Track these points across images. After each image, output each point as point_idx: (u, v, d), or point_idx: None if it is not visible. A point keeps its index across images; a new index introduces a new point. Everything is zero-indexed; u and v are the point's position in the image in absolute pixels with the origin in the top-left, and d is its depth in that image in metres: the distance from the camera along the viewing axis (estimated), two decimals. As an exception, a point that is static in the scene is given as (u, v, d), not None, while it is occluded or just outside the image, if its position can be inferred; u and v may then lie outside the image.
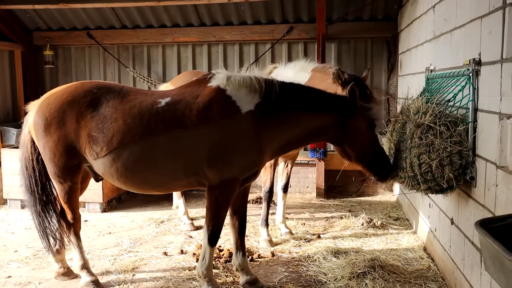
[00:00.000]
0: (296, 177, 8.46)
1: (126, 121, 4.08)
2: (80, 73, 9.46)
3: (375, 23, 8.34)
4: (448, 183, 3.74)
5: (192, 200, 8.05)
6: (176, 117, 4.05)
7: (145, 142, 4.06)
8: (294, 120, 4.13)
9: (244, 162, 4.10)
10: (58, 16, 8.96)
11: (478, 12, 3.58)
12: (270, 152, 4.24)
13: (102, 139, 4.10)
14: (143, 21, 8.86)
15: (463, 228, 3.94)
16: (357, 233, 6.11)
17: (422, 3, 5.80)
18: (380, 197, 8.18)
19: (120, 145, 4.06)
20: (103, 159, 4.14)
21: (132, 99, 4.21)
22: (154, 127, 4.05)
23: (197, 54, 9.05)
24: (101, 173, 4.32)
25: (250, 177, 4.25)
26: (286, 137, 4.18)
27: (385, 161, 4.27)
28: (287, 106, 4.11)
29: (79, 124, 4.18)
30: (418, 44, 6.04)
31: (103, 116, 4.15)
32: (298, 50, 8.70)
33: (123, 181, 4.22)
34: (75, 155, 4.26)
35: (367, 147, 4.22)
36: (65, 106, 4.24)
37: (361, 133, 4.18)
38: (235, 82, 4.13)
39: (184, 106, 4.08)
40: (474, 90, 3.60)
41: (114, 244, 5.87)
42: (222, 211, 4.20)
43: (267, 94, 4.09)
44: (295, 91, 4.21)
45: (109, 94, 4.25)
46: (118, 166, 4.11)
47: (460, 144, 3.66)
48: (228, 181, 4.08)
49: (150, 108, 4.11)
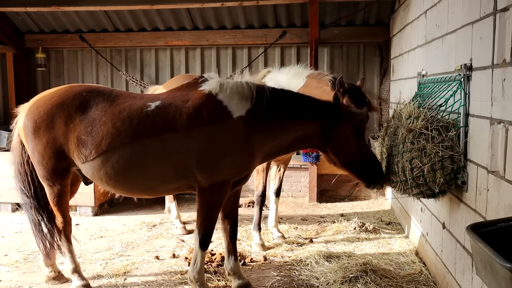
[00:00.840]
0: (289, 181, 8.46)
1: (115, 124, 4.07)
2: (72, 76, 9.42)
3: (368, 28, 8.39)
4: (439, 188, 3.75)
5: (185, 204, 8.02)
6: (166, 121, 4.04)
7: (134, 146, 4.04)
8: (284, 127, 4.14)
9: (234, 166, 4.09)
10: (50, 19, 8.93)
11: (469, 18, 3.60)
12: (260, 157, 4.25)
13: (91, 142, 4.08)
14: (136, 24, 8.86)
15: (454, 232, 3.95)
16: (349, 237, 6.11)
17: (414, 8, 5.84)
18: (372, 202, 8.20)
19: (109, 148, 4.05)
20: (92, 163, 4.12)
21: (122, 103, 4.19)
22: (144, 131, 4.04)
23: (190, 57, 9.05)
24: (89, 177, 4.29)
25: (240, 180, 4.25)
26: (275, 143, 4.20)
27: (374, 168, 4.25)
28: (277, 113, 4.12)
29: (68, 127, 4.16)
30: (410, 49, 6.08)
31: (92, 119, 4.13)
32: (291, 55, 8.73)
33: (112, 184, 4.20)
34: (64, 158, 4.24)
35: (353, 153, 4.22)
36: (54, 109, 4.22)
37: (346, 140, 4.18)
38: (227, 88, 4.14)
39: (174, 110, 4.07)
40: (466, 95, 3.62)
41: (105, 248, 5.83)
42: (213, 214, 4.19)
43: (258, 100, 4.10)
44: (285, 98, 4.23)
45: (98, 97, 4.24)
46: (107, 169, 4.09)
47: (452, 149, 3.68)
48: (218, 184, 4.07)
49: (140, 111, 4.10)
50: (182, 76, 7.14)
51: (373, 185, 4.30)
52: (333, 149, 4.23)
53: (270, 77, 5.78)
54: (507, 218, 2.45)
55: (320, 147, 4.33)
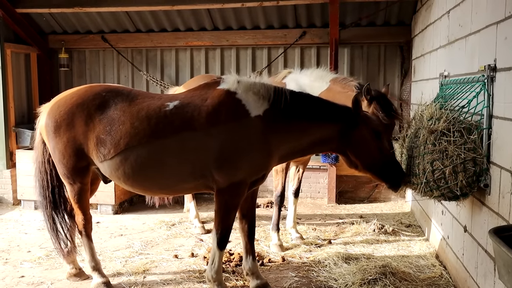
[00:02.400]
0: (308, 182, 8.43)
1: (134, 124, 4.12)
2: (94, 76, 9.54)
3: (389, 28, 8.30)
4: (461, 190, 3.70)
5: (203, 204, 8.06)
6: (185, 120, 4.07)
7: (152, 145, 4.09)
8: (301, 129, 4.16)
9: (252, 165, 4.11)
10: (73, 20, 9.06)
11: (493, 18, 3.54)
12: (277, 157, 4.25)
13: (109, 141, 4.14)
14: (157, 25, 8.93)
15: (476, 236, 3.89)
16: (368, 239, 6.06)
17: (437, 8, 5.77)
18: (392, 204, 8.12)
19: (127, 148, 4.10)
20: (110, 161, 4.17)
21: (140, 102, 4.25)
22: (162, 130, 4.08)
23: (210, 58, 9.08)
24: (108, 175, 4.35)
25: (257, 180, 4.27)
26: (292, 144, 4.21)
27: (396, 169, 4.23)
28: (294, 115, 4.13)
29: (88, 126, 4.23)
30: (432, 50, 6.00)
31: (111, 118, 4.19)
32: (310, 55, 8.70)
33: (130, 183, 4.25)
34: (84, 156, 4.30)
35: (374, 156, 4.20)
36: (74, 109, 4.30)
37: (366, 142, 4.17)
38: (245, 86, 4.16)
39: (193, 108, 4.10)
40: (489, 96, 3.56)
41: (125, 246, 5.89)
42: (230, 214, 4.20)
43: (276, 101, 4.12)
44: (303, 100, 4.23)
45: (117, 97, 4.30)
46: (125, 168, 4.14)
47: (474, 151, 3.62)
48: (236, 184, 4.09)
49: (158, 111, 4.14)
50: (202, 76, 7.18)
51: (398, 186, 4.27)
52: (353, 152, 4.22)
53: (291, 78, 5.77)
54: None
55: (340, 151, 4.32)
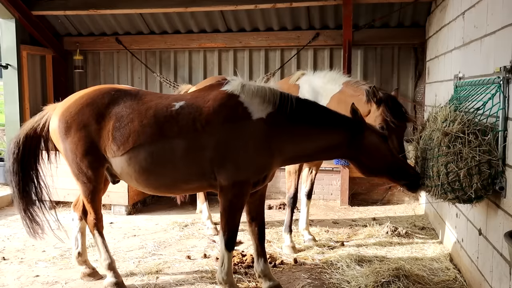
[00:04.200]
0: (320, 184, 8.41)
1: (142, 122, 4.19)
2: (108, 77, 9.63)
3: (403, 30, 8.26)
4: (476, 193, 3.66)
5: (216, 205, 8.06)
6: (188, 120, 4.14)
7: (158, 144, 4.15)
8: (305, 134, 4.19)
9: (252, 166, 4.14)
10: (88, 22, 9.16)
11: (509, 19, 3.51)
12: (280, 160, 4.29)
13: (119, 138, 4.22)
14: (170, 27, 8.98)
15: (491, 239, 3.85)
16: (381, 241, 6.03)
17: (451, 9, 5.72)
18: (405, 206, 8.07)
19: (135, 146, 4.17)
20: (121, 158, 4.25)
21: (148, 101, 4.33)
22: (168, 129, 4.15)
23: (223, 59, 9.11)
24: (119, 173, 4.40)
25: (259, 181, 4.29)
26: (296, 149, 4.24)
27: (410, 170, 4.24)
28: (298, 120, 4.17)
29: (100, 124, 4.30)
30: (446, 51, 5.96)
31: (120, 115, 4.27)
32: (324, 57, 8.68)
33: (140, 181, 4.32)
34: (96, 155, 4.35)
35: (387, 158, 4.22)
36: (84, 108, 4.37)
37: (376, 146, 4.19)
38: (250, 90, 4.21)
39: (195, 109, 4.17)
40: (505, 98, 3.53)
41: (138, 247, 5.93)
42: (236, 214, 4.23)
43: (281, 106, 4.15)
44: (309, 108, 4.27)
45: (126, 96, 4.40)
46: (135, 166, 4.21)
47: (490, 153, 3.59)
48: (239, 183, 4.12)
49: (165, 110, 4.22)
50: (214, 78, 7.20)
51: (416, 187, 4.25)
52: (366, 157, 4.24)
53: (305, 80, 5.77)
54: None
55: (351, 157, 4.32)
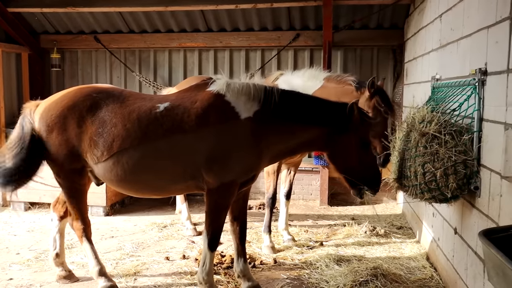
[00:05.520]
0: (300, 184, 8.45)
1: (126, 126, 4.11)
2: (86, 76, 9.52)
3: (382, 32, 8.36)
4: (452, 193, 3.72)
5: (196, 205, 8.05)
6: (175, 122, 4.08)
7: (144, 147, 4.08)
8: (291, 130, 4.18)
9: (241, 167, 4.12)
10: (65, 20, 9.03)
11: (485, 22, 3.58)
12: (267, 158, 4.28)
13: (102, 143, 4.12)
14: (150, 26, 8.92)
15: (466, 238, 3.92)
16: (360, 241, 6.09)
17: (429, 12, 5.81)
18: (383, 206, 8.16)
19: (119, 150, 4.09)
20: (104, 164, 4.16)
21: (131, 104, 4.24)
22: (153, 132, 4.08)
23: (203, 59, 9.09)
24: (101, 177, 4.33)
25: (247, 181, 4.28)
26: (282, 145, 4.23)
27: (369, 180, 4.27)
28: (285, 116, 4.15)
29: (81, 128, 4.20)
30: (424, 53, 6.05)
31: (103, 120, 4.17)
32: (304, 57, 8.73)
33: (123, 185, 4.25)
34: (78, 158, 4.26)
35: (352, 165, 4.24)
36: (66, 111, 4.26)
37: (348, 149, 4.20)
38: (235, 88, 4.17)
39: (183, 111, 4.11)
40: (480, 99, 3.59)
41: (116, 248, 5.87)
42: (221, 215, 4.21)
43: (266, 102, 4.14)
44: (294, 100, 4.25)
45: (108, 98, 4.28)
46: (118, 170, 4.13)
47: (465, 153, 3.65)
48: (226, 185, 4.10)
49: (149, 113, 4.14)
50: (195, 77, 7.17)
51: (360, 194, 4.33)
52: (332, 155, 4.28)
53: (283, 80, 5.79)
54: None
55: (321, 150, 4.40)
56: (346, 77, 5.50)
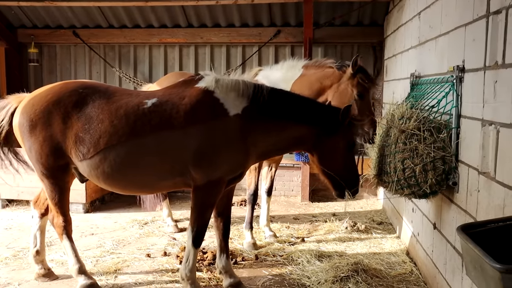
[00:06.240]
0: (281, 180, 8.47)
1: (113, 122, 4.05)
2: (65, 71, 9.38)
3: (362, 29, 8.42)
4: (431, 188, 3.77)
5: (177, 202, 8.01)
6: (163, 118, 4.03)
7: (131, 144, 4.03)
8: (280, 128, 4.16)
9: (230, 164, 4.10)
10: (43, 14, 8.88)
11: (462, 20, 3.62)
12: (255, 155, 4.26)
13: (88, 140, 4.05)
14: (130, 21, 8.82)
15: (445, 232, 3.98)
16: (341, 237, 6.13)
17: (408, 9, 5.86)
18: (364, 201, 8.23)
19: (106, 147, 4.02)
20: (90, 161, 4.09)
21: (118, 100, 4.17)
22: (141, 128, 4.03)
23: (184, 55, 9.03)
24: (86, 175, 4.26)
25: (235, 178, 4.27)
26: (270, 143, 4.22)
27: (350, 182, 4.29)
28: (274, 113, 4.14)
29: (66, 124, 4.13)
30: (403, 50, 6.10)
31: (89, 116, 4.10)
32: (285, 54, 8.74)
33: (109, 183, 4.18)
34: (62, 155, 4.19)
35: (337, 166, 4.25)
36: (50, 107, 4.18)
37: (335, 152, 4.21)
38: (224, 85, 4.14)
39: (171, 107, 4.06)
40: (458, 96, 3.64)
41: (96, 246, 5.81)
42: (207, 211, 4.19)
43: (255, 99, 4.12)
44: (283, 98, 4.23)
45: (94, 94, 4.21)
46: (105, 167, 4.07)
47: (444, 149, 3.70)
48: (214, 182, 4.08)
49: (137, 109, 4.08)
50: (175, 73, 7.12)
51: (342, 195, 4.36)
52: (319, 158, 4.27)
53: (263, 75, 5.78)
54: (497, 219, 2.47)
55: (310, 151, 4.37)
56: (324, 61, 5.57)
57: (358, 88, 5.22)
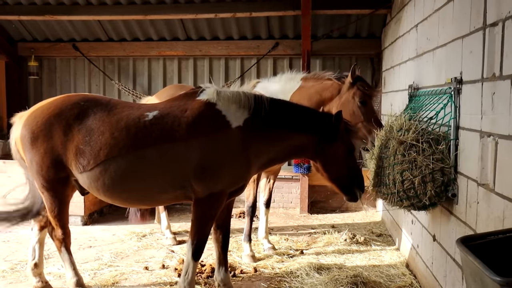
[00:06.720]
0: (280, 192, 8.44)
1: (113, 134, 4.03)
2: (65, 84, 9.39)
3: (360, 41, 8.45)
4: (430, 200, 3.75)
5: (175, 214, 7.96)
6: (164, 131, 4.02)
7: (132, 156, 4.01)
8: (281, 138, 4.18)
9: (232, 177, 4.09)
10: (43, 28, 8.91)
11: (459, 32, 3.63)
12: (256, 166, 4.26)
13: (89, 152, 4.04)
14: (129, 34, 8.86)
15: (445, 245, 3.94)
16: (340, 249, 6.09)
17: (406, 22, 5.89)
18: (363, 213, 8.19)
19: (107, 159, 4.01)
20: (90, 173, 4.07)
21: (119, 112, 4.17)
22: (141, 140, 4.01)
23: (183, 68, 9.05)
24: (87, 187, 4.23)
25: (236, 190, 4.25)
26: (272, 153, 4.22)
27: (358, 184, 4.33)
28: (275, 123, 4.15)
29: (67, 136, 4.12)
30: (401, 62, 6.12)
31: (90, 128, 4.09)
32: (283, 66, 8.75)
33: (110, 195, 4.16)
34: (63, 168, 4.18)
35: (341, 171, 4.29)
36: (52, 119, 4.18)
37: (337, 158, 4.25)
38: (225, 97, 4.15)
39: (173, 119, 4.05)
40: (456, 108, 3.64)
41: (94, 258, 5.76)
42: (208, 224, 4.16)
43: (256, 110, 4.13)
44: (283, 108, 4.26)
45: (96, 106, 4.21)
46: (105, 179, 4.05)
47: (442, 161, 3.69)
48: (215, 195, 4.06)
49: (138, 121, 4.07)
50: (174, 86, 7.12)
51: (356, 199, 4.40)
52: (323, 165, 4.30)
53: (261, 87, 5.78)
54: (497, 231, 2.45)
55: (313, 159, 4.40)
56: (322, 74, 5.67)
57: (359, 95, 5.31)
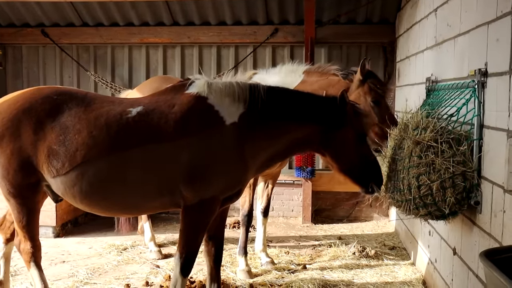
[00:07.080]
0: (280, 198, 8.47)
1: (92, 133, 4.02)
2: (33, 76, 9.38)
3: (371, 27, 8.48)
4: (450, 208, 3.77)
5: (160, 224, 7.98)
6: (150, 129, 4.02)
7: (113, 158, 4.01)
8: (281, 132, 4.19)
9: (226, 181, 4.11)
10: (7, 10, 8.90)
11: (484, 18, 3.66)
12: (254, 168, 4.27)
13: (63, 153, 4.01)
14: (106, 18, 8.86)
15: (466, 259, 3.98)
16: (347, 263, 6.12)
17: (423, 5, 5.92)
18: (374, 223, 8.23)
19: (84, 161, 3.99)
20: (64, 177, 4.05)
21: (98, 108, 4.15)
22: (124, 140, 4.02)
23: (168, 57, 9.07)
24: (61, 194, 4.21)
25: (231, 197, 4.25)
26: (271, 150, 4.23)
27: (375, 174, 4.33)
28: (273, 116, 4.17)
29: (38, 135, 4.08)
30: (418, 52, 6.15)
31: (65, 126, 4.07)
32: (283, 55, 8.78)
33: (87, 203, 4.14)
34: (33, 171, 4.14)
35: (353, 160, 4.30)
36: (20, 115, 4.14)
37: (347, 145, 4.26)
38: (218, 89, 4.16)
39: (159, 116, 4.06)
40: (480, 104, 3.67)
41: (68, 275, 5.78)
42: (198, 235, 4.18)
43: (252, 103, 4.14)
44: (282, 97, 4.27)
45: (71, 101, 4.18)
46: (82, 185, 4.03)
47: (464, 164, 3.71)
48: (207, 201, 4.07)
49: (119, 118, 4.07)
50: (159, 78, 7.13)
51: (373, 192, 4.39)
52: (332, 155, 4.31)
53: (258, 79, 5.78)
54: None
55: (319, 151, 4.41)
56: (328, 67, 5.58)
57: (371, 94, 5.24)
